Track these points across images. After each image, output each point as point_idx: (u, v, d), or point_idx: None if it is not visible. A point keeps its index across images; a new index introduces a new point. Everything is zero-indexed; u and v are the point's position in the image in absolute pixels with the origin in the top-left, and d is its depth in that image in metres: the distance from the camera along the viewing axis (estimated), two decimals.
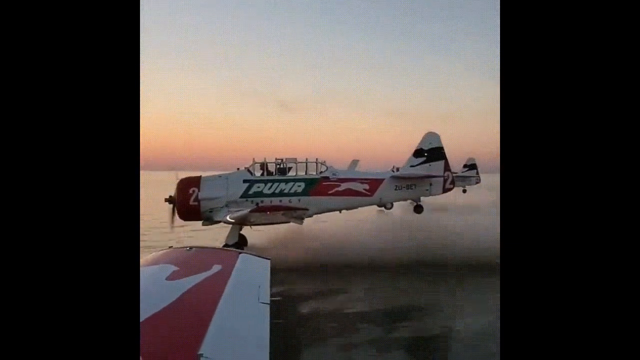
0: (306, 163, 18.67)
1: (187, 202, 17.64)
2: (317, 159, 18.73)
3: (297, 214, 16.39)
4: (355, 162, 19.95)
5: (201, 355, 2.62)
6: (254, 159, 18.35)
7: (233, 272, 4.44)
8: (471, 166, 32.05)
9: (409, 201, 21.21)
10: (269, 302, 3.82)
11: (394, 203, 21.48)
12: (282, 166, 18.60)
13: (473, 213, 20.25)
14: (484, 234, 16.14)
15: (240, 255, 5.17)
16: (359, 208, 19.55)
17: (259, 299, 3.84)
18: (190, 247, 5.36)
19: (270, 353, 2.90)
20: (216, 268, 4.50)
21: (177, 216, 18.03)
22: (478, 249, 16.23)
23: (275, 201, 17.99)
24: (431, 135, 19.74)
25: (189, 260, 4.82)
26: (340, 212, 19.33)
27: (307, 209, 16.92)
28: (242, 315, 3.52)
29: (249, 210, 15.73)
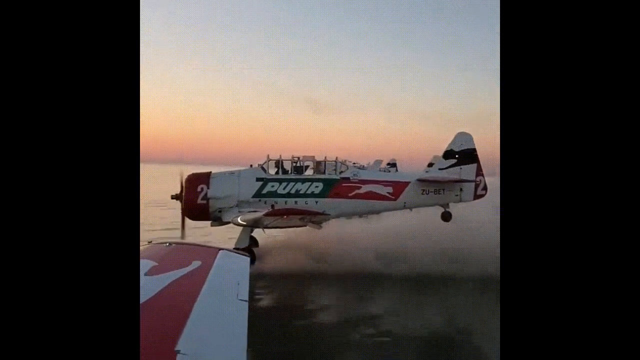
0: (324, 162, 17.27)
1: (195, 201, 16.77)
2: (337, 158, 17.61)
3: (316, 219, 14.83)
4: (378, 162, 18.50)
5: (178, 351, 2.64)
6: (268, 155, 17.70)
7: (212, 269, 4.48)
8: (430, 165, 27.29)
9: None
10: (247, 299, 3.87)
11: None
12: (298, 164, 17.14)
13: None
14: None
15: (220, 251, 5.22)
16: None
17: (237, 296, 3.88)
18: (170, 243, 5.44)
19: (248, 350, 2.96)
20: (195, 264, 4.54)
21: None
22: None
23: (291, 202, 16.93)
24: (463, 136, 18.16)
25: (168, 255, 4.88)
26: (360, 217, 17.70)
27: (328, 214, 15.87)
28: (220, 312, 3.56)
29: (263, 212, 14.70)
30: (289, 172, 17.46)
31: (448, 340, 10.79)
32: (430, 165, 24.21)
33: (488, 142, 18.43)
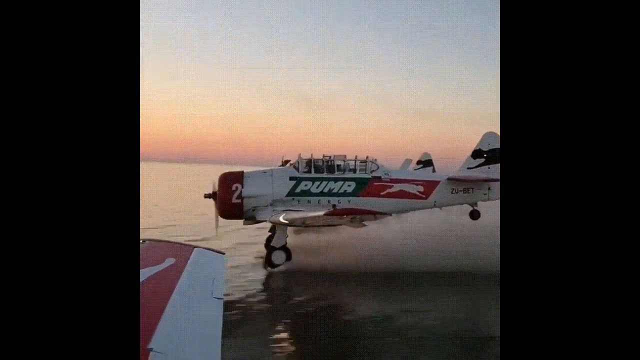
0: (355, 161, 17.64)
1: (230, 200, 16.96)
2: (367, 157, 17.95)
3: (375, 219, 15.01)
4: (408, 162, 18.82)
5: (151, 349, 2.62)
6: (299, 154, 17.92)
7: (187, 266, 4.44)
8: (426, 162, 25.25)
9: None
10: (222, 297, 3.84)
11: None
12: (330, 164, 17.47)
13: None
14: None
15: (195, 249, 5.18)
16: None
17: (212, 294, 3.86)
18: (144, 240, 5.37)
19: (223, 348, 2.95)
20: (169, 261, 4.50)
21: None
22: None
23: (324, 201, 17.26)
24: (491, 136, 18.36)
25: (142, 253, 4.68)
26: (390, 215, 17.95)
27: (388, 213, 15.58)
28: (194, 310, 3.54)
29: (324, 212, 14.44)
30: (321, 171, 17.58)
31: None
32: (419, 162, 23.69)
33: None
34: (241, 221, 17.58)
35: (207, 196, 17.52)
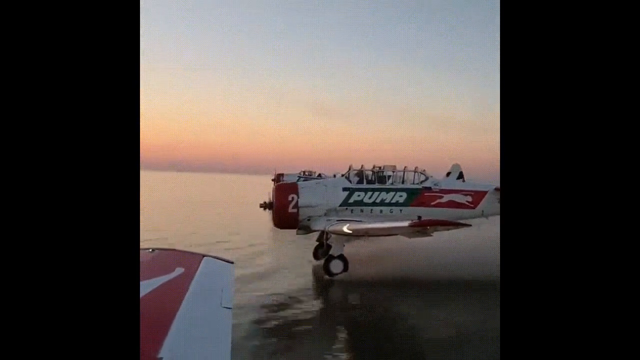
0: (404, 172, 18.22)
1: (286, 209, 17.44)
2: (416, 168, 18.33)
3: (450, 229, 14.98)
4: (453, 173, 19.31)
5: (161, 359, 2.60)
6: (350, 165, 18.32)
7: (196, 276, 4.37)
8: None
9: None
10: (231, 306, 3.75)
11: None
12: (381, 174, 18.16)
13: None
14: None
15: (204, 258, 5.10)
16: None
17: (221, 303, 3.78)
18: (153, 249, 5.30)
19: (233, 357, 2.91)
20: (179, 271, 4.42)
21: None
22: None
23: (376, 211, 17.71)
24: None
25: (151, 262, 4.74)
26: (470, 225, 18.24)
27: (469, 224, 15.38)
28: (204, 319, 3.46)
29: (407, 223, 14.34)
30: (373, 181, 18.01)
31: None
32: (448, 174, 23.52)
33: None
34: None
35: (262, 206, 18.20)
